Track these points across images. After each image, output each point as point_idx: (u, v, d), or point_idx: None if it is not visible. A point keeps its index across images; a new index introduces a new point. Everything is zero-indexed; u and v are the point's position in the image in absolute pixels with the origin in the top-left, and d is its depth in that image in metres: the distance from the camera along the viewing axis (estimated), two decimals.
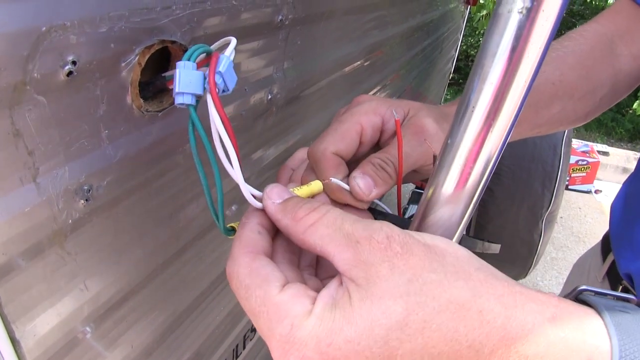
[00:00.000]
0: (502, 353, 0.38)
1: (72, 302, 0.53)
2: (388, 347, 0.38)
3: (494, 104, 0.40)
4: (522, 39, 0.37)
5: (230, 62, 0.47)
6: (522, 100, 0.40)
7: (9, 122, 0.39)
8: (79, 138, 0.47)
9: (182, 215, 0.68)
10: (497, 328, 0.38)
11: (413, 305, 0.38)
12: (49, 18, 0.39)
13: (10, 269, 0.44)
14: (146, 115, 0.54)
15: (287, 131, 0.96)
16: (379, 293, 0.39)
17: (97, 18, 0.44)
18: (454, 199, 0.46)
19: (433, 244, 0.43)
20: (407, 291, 0.38)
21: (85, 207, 0.50)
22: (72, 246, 0.50)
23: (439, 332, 0.38)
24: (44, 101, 0.42)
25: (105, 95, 0.48)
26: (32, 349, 0.49)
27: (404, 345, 0.38)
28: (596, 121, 7.54)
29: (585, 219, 4.53)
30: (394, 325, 0.38)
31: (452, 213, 0.47)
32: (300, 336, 0.39)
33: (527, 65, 0.38)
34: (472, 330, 0.38)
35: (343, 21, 1.07)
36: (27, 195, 0.43)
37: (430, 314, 0.38)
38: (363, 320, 0.38)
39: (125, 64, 0.49)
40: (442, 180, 0.46)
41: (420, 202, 0.50)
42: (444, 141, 0.44)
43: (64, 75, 0.42)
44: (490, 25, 0.39)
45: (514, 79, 0.38)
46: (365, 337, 0.38)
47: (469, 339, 0.38)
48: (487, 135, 0.41)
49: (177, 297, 0.75)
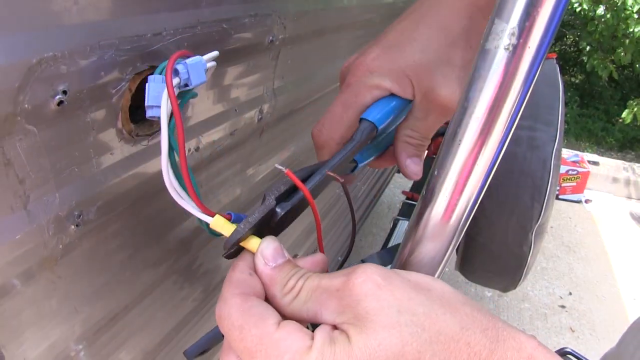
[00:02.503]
0: None
1: (63, 324, 0.53)
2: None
3: (479, 137, 0.40)
4: (508, 74, 0.38)
5: (202, 62, 0.48)
6: (506, 135, 0.40)
7: (0, 152, 0.40)
8: (70, 165, 0.47)
9: (171, 236, 0.69)
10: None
11: (406, 336, 0.38)
12: (40, 49, 0.40)
13: (2, 294, 0.44)
14: (137, 139, 0.54)
15: (278, 148, 0.96)
16: (373, 326, 0.39)
17: (88, 47, 0.44)
18: (438, 234, 0.47)
19: (417, 280, 0.43)
20: (398, 322, 0.39)
21: (76, 232, 0.50)
22: (63, 270, 0.50)
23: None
24: (35, 130, 0.42)
25: (96, 121, 0.48)
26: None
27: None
28: (586, 130, 7.58)
29: (575, 228, 4.54)
30: (391, 356, 0.38)
31: (436, 249, 0.48)
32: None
33: (512, 99, 0.39)
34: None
35: (334, 39, 1.08)
36: (18, 223, 0.43)
37: (423, 344, 0.38)
38: (362, 353, 0.38)
39: (115, 91, 0.49)
40: (426, 216, 0.46)
41: (404, 237, 0.50)
42: (430, 172, 0.45)
43: (55, 104, 0.42)
44: (477, 60, 0.39)
45: (499, 114, 0.39)
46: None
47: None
48: (472, 169, 0.42)
49: (167, 316, 0.76)
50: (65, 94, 0.43)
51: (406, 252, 0.50)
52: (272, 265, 0.46)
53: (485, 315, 0.41)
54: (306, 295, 0.44)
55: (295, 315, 0.44)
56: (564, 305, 3.53)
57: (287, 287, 0.45)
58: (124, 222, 0.57)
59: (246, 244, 0.48)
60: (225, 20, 0.62)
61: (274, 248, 0.47)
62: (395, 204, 4.33)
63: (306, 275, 0.45)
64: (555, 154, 2.15)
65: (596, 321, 3.40)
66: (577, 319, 3.41)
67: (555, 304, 3.54)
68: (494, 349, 0.39)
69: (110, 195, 0.53)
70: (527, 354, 0.39)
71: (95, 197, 0.51)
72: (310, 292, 0.44)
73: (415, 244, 0.48)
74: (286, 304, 0.44)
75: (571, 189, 4.96)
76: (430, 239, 0.47)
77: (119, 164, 0.53)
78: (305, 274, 0.45)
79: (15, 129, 0.40)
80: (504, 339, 0.40)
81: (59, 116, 0.44)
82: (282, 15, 0.76)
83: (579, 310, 3.49)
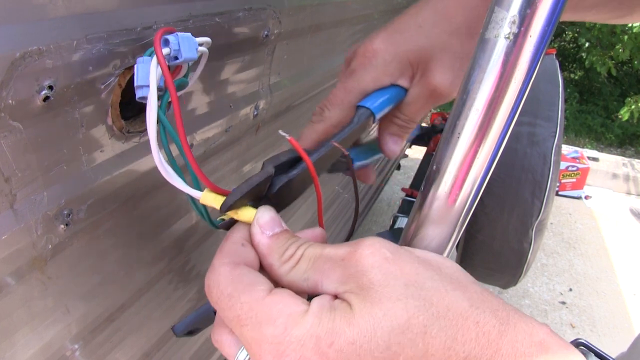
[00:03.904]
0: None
1: (56, 324, 0.53)
2: (390, 352, 0.36)
3: (479, 131, 0.39)
4: (509, 65, 0.37)
5: (193, 39, 0.46)
6: (507, 126, 0.39)
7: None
8: (58, 162, 0.46)
9: (165, 235, 0.68)
10: (490, 342, 0.37)
11: (413, 309, 0.36)
12: (23, 43, 0.38)
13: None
14: (128, 136, 0.53)
15: (275, 145, 0.95)
16: (377, 296, 0.37)
17: (74, 41, 0.43)
18: (442, 218, 0.46)
19: (426, 257, 0.42)
20: (405, 294, 0.37)
21: (66, 232, 0.49)
22: (53, 270, 0.49)
23: (439, 339, 0.36)
24: (20, 127, 0.40)
25: (84, 118, 0.47)
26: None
27: (405, 351, 0.36)
28: (586, 127, 7.58)
29: (575, 225, 4.53)
30: (395, 328, 0.36)
31: (441, 231, 0.47)
32: (297, 334, 0.37)
33: (513, 91, 0.37)
34: (469, 341, 0.37)
35: (331, 34, 1.07)
36: (5, 222, 0.42)
37: (430, 318, 0.36)
38: (365, 321, 0.36)
39: (104, 86, 0.48)
40: (425, 210, 0.45)
41: (409, 218, 0.49)
42: (429, 167, 0.44)
43: (41, 100, 0.41)
44: (477, 50, 0.38)
45: (500, 106, 0.38)
46: (368, 340, 0.36)
47: (465, 350, 0.36)
48: (472, 162, 0.41)
49: (163, 315, 0.75)
50: (52, 89, 0.42)
51: (412, 232, 0.49)
52: (269, 233, 0.45)
53: (495, 297, 0.40)
54: (307, 264, 0.42)
55: (293, 285, 0.42)
56: (564, 302, 3.52)
57: (286, 255, 0.43)
58: (116, 221, 0.56)
59: (241, 215, 0.46)
60: (219, 13, 0.61)
61: (270, 217, 0.46)
62: (395, 201, 4.32)
63: (306, 244, 0.44)
64: (555, 149, 2.14)
65: (596, 317, 3.40)
66: (578, 315, 3.40)
67: (556, 300, 3.54)
68: (503, 331, 0.37)
69: (101, 193, 0.52)
70: (539, 339, 0.38)
71: (86, 196, 0.50)
72: (311, 261, 0.42)
73: (420, 223, 0.47)
74: (284, 273, 0.43)
75: (571, 185, 4.95)
76: (433, 223, 0.46)
77: (110, 162, 0.52)
78: (305, 243, 0.44)
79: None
80: (515, 322, 0.38)
81: (46, 112, 0.42)
82: (277, 9, 0.74)
83: (580, 307, 3.49)
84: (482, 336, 0.37)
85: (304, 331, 0.37)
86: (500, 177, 2.07)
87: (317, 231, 0.49)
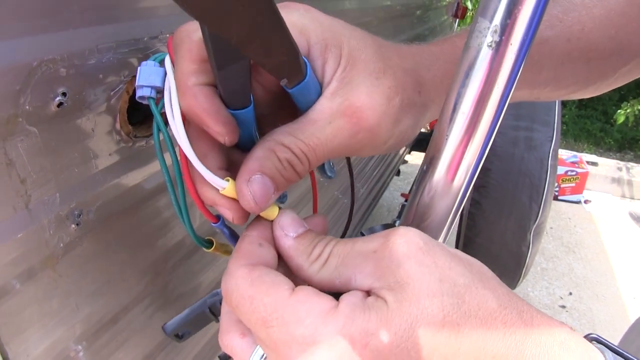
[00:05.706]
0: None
1: (64, 322, 0.54)
2: (425, 351, 0.35)
3: (466, 132, 0.42)
4: (492, 71, 0.39)
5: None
6: (492, 128, 0.42)
7: (2, 152, 0.41)
8: (70, 165, 0.48)
9: (171, 234, 0.69)
10: (517, 343, 0.37)
11: (448, 307, 0.36)
12: (40, 53, 0.41)
13: (4, 292, 0.45)
14: (135, 141, 0.56)
15: None
16: (415, 293, 0.36)
17: (86, 51, 0.45)
18: (429, 224, 0.48)
19: (456, 252, 0.41)
20: (440, 291, 0.37)
21: (77, 231, 0.51)
22: (64, 269, 0.51)
23: (470, 338, 0.36)
24: (36, 131, 0.43)
25: (94, 123, 0.49)
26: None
27: (440, 349, 0.36)
28: (585, 131, 7.59)
29: (575, 229, 4.54)
30: (432, 327, 0.36)
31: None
32: (329, 334, 0.35)
33: (496, 95, 0.40)
34: (497, 341, 0.37)
35: None
36: (20, 221, 0.45)
37: (462, 317, 0.36)
38: (403, 321, 0.35)
39: (113, 93, 0.50)
40: (415, 208, 0.47)
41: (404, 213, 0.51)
42: (420, 168, 0.46)
43: (55, 106, 0.44)
44: (462, 57, 0.41)
45: (485, 108, 0.40)
46: (405, 339, 0.35)
47: (494, 350, 0.37)
48: (460, 163, 0.43)
49: (167, 316, 0.76)
50: (65, 95, 0.44)
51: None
52: (293, 235, 0.43)
53: (520, 298, 0.40)
54: (337, 261, 0.41)
55: (324, 284, 0.41)
56: (564, 306, 3.54)
57: (314, 254, 0.42)
58: (124, 222, 0.58)
59: (264, 212, 0.44)
60: None
61: (292, 218, 0.44)
62: (395, 206, 4.34)
63: (334, 240, 0.43)
64: (552, 153, 2.16)
65: (596, 321, 3.41)
66: (578, 318, 3.42)
67: (556, 304, 3.55)
68: (528, 332, 0.38)
69: (110, 195, 0.54)
70: (560, 339, 0.38)
71: (95, 197, 0.52)
72: (341, 257, 0.41)
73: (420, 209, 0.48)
74: (314, 272, 0.41)
75: (570, 189, 4.97)
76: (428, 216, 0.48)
77: (118, 165, 0.55)
78: (333, 240, 0.43)
79: (16, 130, 0.41)
80: (538, 323, 0.38)
81: (59, 117, 0.45)
82: None
83: (579, 310, 3.50)
84: (509, 336, 0.37)
85: (336, 331, 0.36)
86: (498, 182, 2.09)
87: (317, 219, 0.47)
